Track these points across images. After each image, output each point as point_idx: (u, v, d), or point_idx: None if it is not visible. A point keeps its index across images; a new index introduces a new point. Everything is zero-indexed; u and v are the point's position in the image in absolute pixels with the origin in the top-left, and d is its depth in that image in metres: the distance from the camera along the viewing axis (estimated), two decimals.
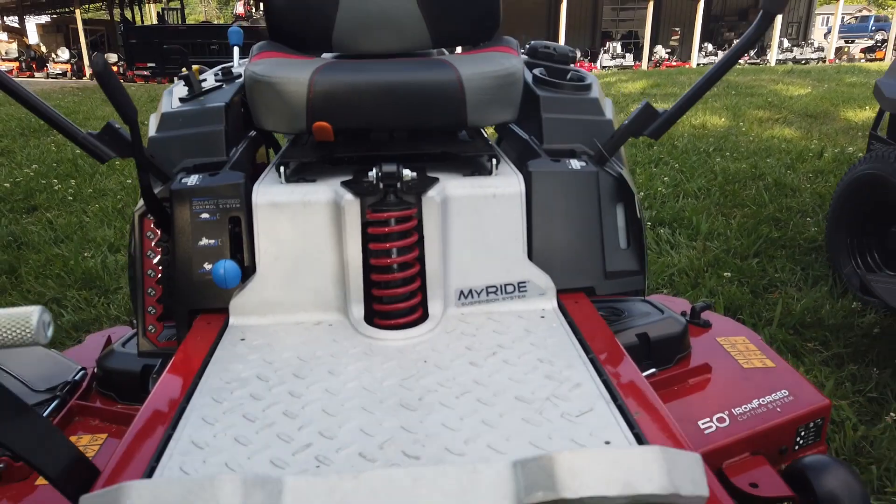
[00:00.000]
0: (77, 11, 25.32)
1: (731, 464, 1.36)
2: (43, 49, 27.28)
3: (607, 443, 0.94)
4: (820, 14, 36.44)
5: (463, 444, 0.95)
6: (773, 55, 27.33)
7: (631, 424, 0.96)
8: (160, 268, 1.50)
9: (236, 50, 2.27)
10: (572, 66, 1.88)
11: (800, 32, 33.92)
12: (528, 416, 1.01)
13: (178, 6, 22.97)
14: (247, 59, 2.34)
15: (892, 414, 1.84)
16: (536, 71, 1.80)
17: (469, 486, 0.74)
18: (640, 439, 0.93)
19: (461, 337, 1.30)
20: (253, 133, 1.76)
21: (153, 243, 1.51)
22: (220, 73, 1.89)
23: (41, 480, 1.35)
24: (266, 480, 0.72)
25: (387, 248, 1.34)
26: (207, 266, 1.37)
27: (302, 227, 1.38)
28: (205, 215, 1.40)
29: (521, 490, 0.73)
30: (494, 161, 1.47)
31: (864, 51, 30.75)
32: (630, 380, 1.11)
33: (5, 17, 30.15)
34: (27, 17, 31.55)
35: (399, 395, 1.09)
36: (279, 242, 1.38)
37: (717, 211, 3.67)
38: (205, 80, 1.85)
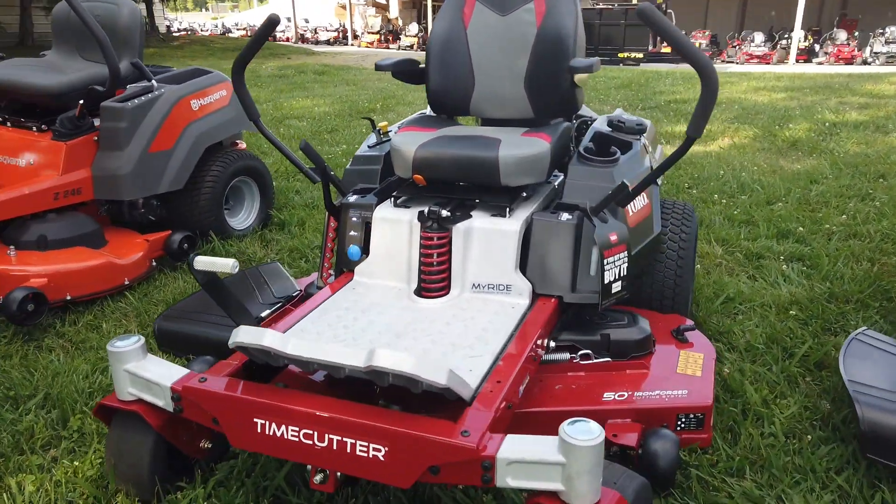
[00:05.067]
0: None
1: (612, 423, 2.04)
2: (400, 23, 31.80)
3: (470, 371, 1.89)
4: None
5: (418, 343, 1.99)
6: None
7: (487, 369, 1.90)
8: (335, 244, 2.81)
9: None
10: (641, 136, 2.73)
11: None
12: (451, 347, 2.00)
13: None
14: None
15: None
16: (582, 147, 2.60)
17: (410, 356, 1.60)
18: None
19: (458, 309, 2.23)
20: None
21: (333, 230, 2.82)
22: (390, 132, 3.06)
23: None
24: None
25: (429, 253, 2.44)
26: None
27: (394, 234, 2.40)
28: (354, 219, 2.52)
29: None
30: (509, 209, 2.46)
31: None
32: (514, 352, 1.98)
33: None
34: None
35: (400, 331, 2.11)
36: (382, 239, 2.42)
37: None
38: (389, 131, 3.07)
